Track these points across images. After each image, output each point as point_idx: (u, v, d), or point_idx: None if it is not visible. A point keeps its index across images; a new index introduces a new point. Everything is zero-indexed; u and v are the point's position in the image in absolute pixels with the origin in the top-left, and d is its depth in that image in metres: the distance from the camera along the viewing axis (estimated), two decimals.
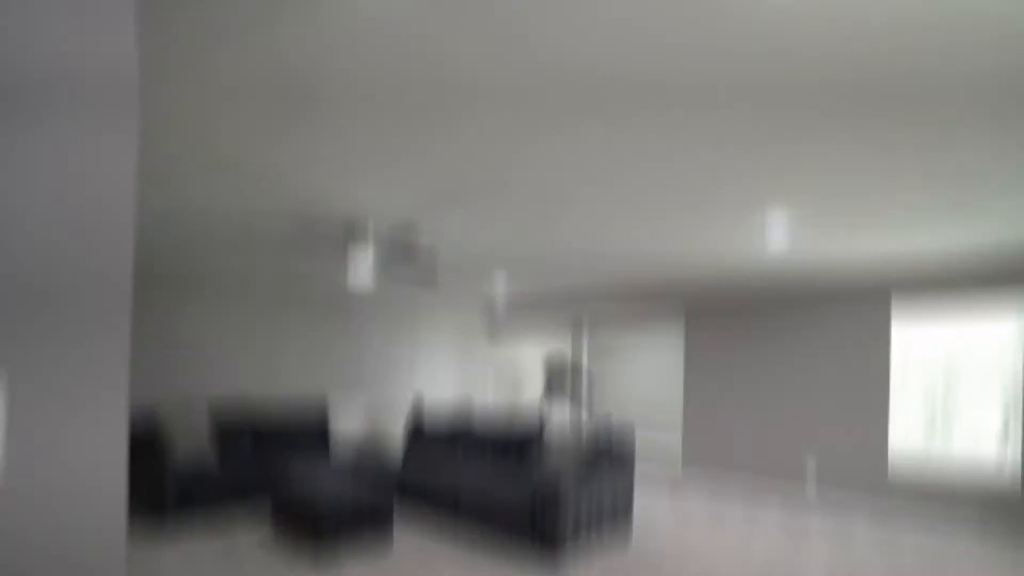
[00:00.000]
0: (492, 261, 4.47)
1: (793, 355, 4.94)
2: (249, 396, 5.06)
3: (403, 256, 3.34)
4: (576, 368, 7.01)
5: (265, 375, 5.21)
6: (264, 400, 5.17)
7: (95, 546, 0.88)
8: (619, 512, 3.61)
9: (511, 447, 4.27)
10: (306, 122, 2.11)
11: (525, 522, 3.23)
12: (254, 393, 5.13)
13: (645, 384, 8.21)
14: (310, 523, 3.18)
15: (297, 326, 5.49)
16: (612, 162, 2.50)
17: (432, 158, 2.49)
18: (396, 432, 5.06)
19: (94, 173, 0.91)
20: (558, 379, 7.35)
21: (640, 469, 5.87)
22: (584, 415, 8.39)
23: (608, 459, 3.68)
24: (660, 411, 8.00)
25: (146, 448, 3.91)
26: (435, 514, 3.92)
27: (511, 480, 3.66)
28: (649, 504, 4.59)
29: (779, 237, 3.45)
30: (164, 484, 3.61)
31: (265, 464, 4.24)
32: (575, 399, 7.71)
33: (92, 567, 0.87)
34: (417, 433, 5.03)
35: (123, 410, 0.96)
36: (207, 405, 4.63)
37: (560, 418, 3.94)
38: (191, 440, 4.13)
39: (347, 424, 5.25)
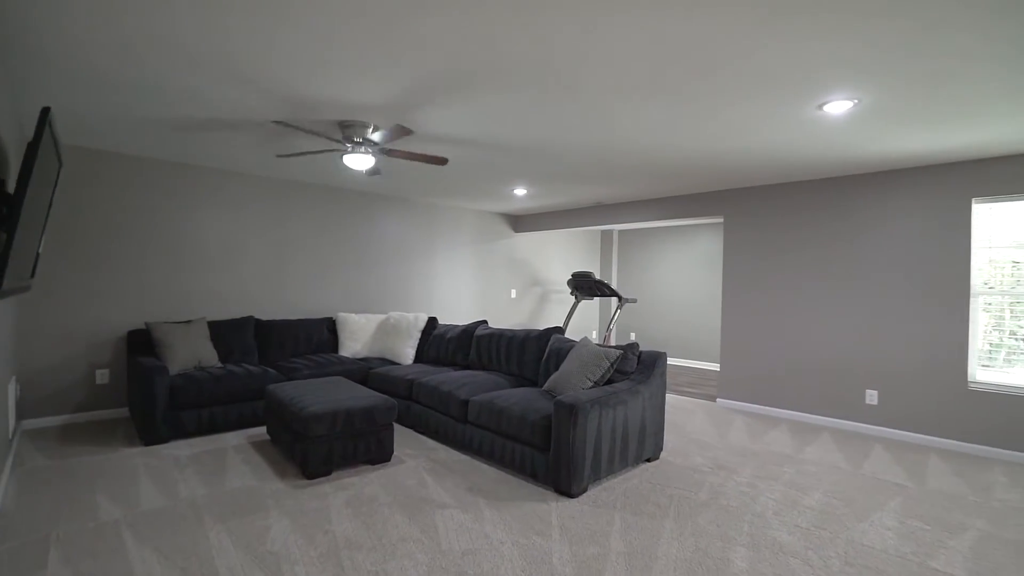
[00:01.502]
0: (511, 162, 4.05)
1: (851, 265, 4.34)
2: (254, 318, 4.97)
3: (403, 131, 3.06)
4: (604, 287, 6.67)
5: (270, 294, 5.04)
6: (270, 321, 5.05)
7: None
8: (647, 434, 3.27)
9: (527, 351, 4.01)
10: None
11: (539, 436, 2.92)
12: (260, 315, 4.99)
13: (678, 306, 7.77)
14: (301, 428, 2.94)
15: (304, 241, 5.21)
16: (650, 40, 2.00)
17: (434, 42, 2.08)
18: (407, 351, 4.89)
19: None
20: (585, 293, 7.03)
21: (672, 400, 5.39)
22: (612, 336, 8.07)
23: (635, 378, 3.32)
24: (695, 337, 7.59)
25: (141, 359, 3.79)
26: (442, 424, 3.68)
27: (526, 389, 3.32)
28: (681, 433, 4.28)
29: (840, 127, 2.84)
30: (154, 390, 3.46)
31: (268, 370, 4.02)
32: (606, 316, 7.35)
33: None
34: (429, 339, 4.87)
35: None
36: (208, 322, 4.46)
37: (585, 339, 3.57)
38: (192, 353, 3.99)
39: (355, 342, 5.02)
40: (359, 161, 3.33)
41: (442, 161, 3.65)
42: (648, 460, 3.40)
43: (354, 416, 3.06)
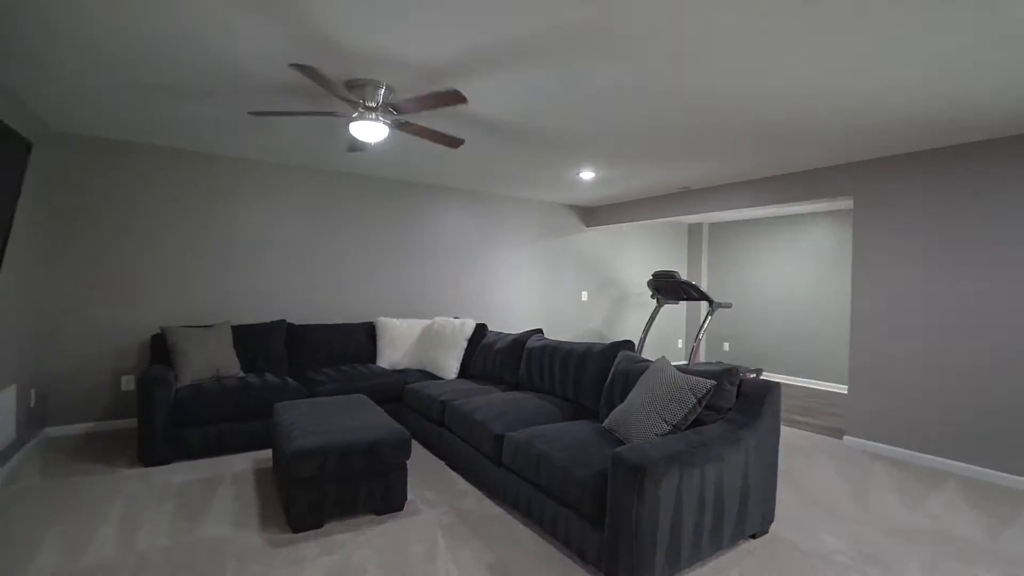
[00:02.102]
0: (584, 134, 3.11)
1: None
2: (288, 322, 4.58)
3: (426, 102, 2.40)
4: (691, 289, 5.55)
5: (306, 295, 4.61)
6: (303, 325, 4.62)
7: None
8: (751, 500, 2.27)
9: (586, 371, 3.15)
10: None
11: (589, 502, 2.05)
12: (293, 319, 4.57)
13: (785, 311, 6.43)
14: (286, 466, 2.33)
15: (344, 237, 4.75)
16: None
17: None
18: (451, 364, 4.22)
19: None
20: (669, 296, 5.96)
21: (786, 439, 4.24)
22: (700, 348, 6.89)
23: (734, 418, 2.35)
24: (808, 350, 6.21)
25: (151, 367, 3.39)
26: (475, 462, 2.93)
27: (581, 423, 2.45)
28: (796, 488, 3.22)
29: None
30: (153, 405, 3.04)
31: (289, 382, 3.49)
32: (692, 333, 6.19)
33: None
34: (476, 349, 4.19)
35: None
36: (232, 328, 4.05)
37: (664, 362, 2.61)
38: (209, 361, 3.56)
39: (395, 351, 4.41)
40: (369, 130, 2.68)
41: (456, 143, 2.93)
42: (752, 536, 2.40)
43: (351, 454, 2.39)
